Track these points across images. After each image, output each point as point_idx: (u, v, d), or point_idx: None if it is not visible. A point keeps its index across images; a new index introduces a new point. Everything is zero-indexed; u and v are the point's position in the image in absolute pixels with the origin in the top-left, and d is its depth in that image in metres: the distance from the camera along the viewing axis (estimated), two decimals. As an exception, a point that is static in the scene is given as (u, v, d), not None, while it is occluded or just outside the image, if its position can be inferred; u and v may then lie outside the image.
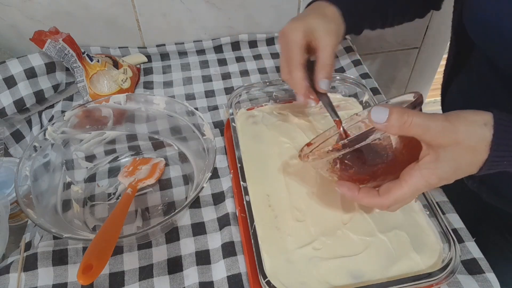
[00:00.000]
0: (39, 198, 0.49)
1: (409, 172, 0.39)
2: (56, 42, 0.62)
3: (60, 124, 0.55)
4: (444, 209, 0.53)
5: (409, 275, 0.44)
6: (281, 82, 0.64)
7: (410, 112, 0.36)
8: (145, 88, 0.74)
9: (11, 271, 0.48)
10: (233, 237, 0.51)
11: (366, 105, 0.63)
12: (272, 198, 0.53)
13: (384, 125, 0.37)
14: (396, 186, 0.39)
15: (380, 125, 0.37)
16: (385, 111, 0.36)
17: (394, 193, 0.39)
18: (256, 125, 0.62)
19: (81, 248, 0.50)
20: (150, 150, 0.63)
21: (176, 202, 0.57)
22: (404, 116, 0.36)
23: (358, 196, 0.42)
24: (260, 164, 0.57)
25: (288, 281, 0.45)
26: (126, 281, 0.48)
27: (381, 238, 0.49)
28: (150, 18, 0.77)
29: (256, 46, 0.83)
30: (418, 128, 0.36)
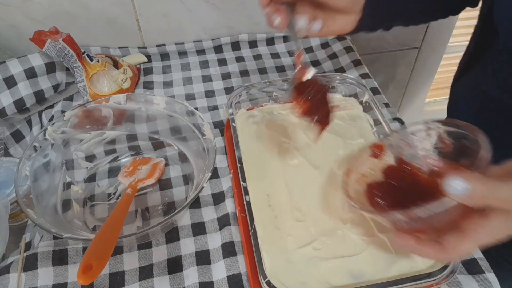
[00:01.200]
0: (39, 198, 0.49)
1: (476, 228, 0.36)
2: (56, 42, 0.62)
3: (60, 124, 0.55)
4: (444, 209, 0.53)
5: (409, 275, 0.44)
6: (281, 82, 0.64)
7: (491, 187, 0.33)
8: (145, 88, 0.74)
9: (11, 271, 0.48)
10: (233, 237, 0.51)
11: (366, 105, 0.63)
12: (272, 198, 0.53)
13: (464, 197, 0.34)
14: (462, 241, 0.36)
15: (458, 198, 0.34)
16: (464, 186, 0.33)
17: (461, 249, 0.36)
18: (256, 125, 0.62)
19: (81, 248, 0.50)
20: (150, 150, 0.63)
21: (176, 202, 0.57)
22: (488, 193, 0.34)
23: (422, 248, 0.39)
24: (260, 164, 0.57)
25: (288, 281, 0.45)
26: (126, 281, 0.48)
27: (381, 238, 0.49)
28: (150, 18, 0.77)
29: (256, 46, 0.83)
30: (501, 202, 0.34)
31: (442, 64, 1.21)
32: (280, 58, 0.80)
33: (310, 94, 0.45)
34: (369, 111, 0.63)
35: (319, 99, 0.45)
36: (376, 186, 0.46)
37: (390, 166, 0.48)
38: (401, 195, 0.44)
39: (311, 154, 0.58)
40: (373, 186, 0.46)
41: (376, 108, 0.61)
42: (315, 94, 0.45)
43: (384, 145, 0.48)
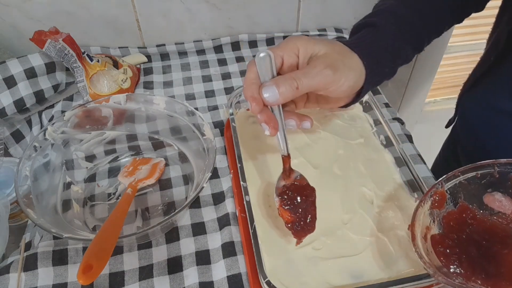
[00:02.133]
0: (39, 198, 0.49)
1: None
2: (56, 42, 0.62)
3: (60, 124, 0.55)
4: (444, 209, 0.53)
5: (409, 275, 0.44)
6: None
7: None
8: (145, 88, 0.74)
9: (11, 271, 0.48)
10: (233, 237, 0.51)
11: (366, 105, 0.63)
12: (272, 198, 0.53)
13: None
14: None
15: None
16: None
17: None
18: (256, 125, 0.62)
19: (81, 248, 0.50)
20: (150, 150, 0.63)
21: (176, 202, 0.57)
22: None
23: None
24: (260, 164, 0.57)
25: (288, 281, 0.45)
26: (126, 281, 0.48)
27: (381, 238, 0.49)
28: (150, 18, 0.77)
29: (256, 46, 0.83)
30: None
31: (442, 64, 1.21)
32: (280, 58, 0.80)
33: (298, 203, 0.46)
34: (369, 111, 0.63)
35: (306, 206, 0.46)
36: (442, 240, 0.41)
37: (452, 214, 0.43)
38: (474, 250, 0.40)
39: (311, 154, 0.58)
40: (438, 241, 0.41)
41: (376, 108, 0.61)
42: (302, 202, 0.46)
43: (445, 193, 0.43)
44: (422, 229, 0.41)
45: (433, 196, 0.43)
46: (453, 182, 0.44)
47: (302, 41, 0.44)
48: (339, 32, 0.83)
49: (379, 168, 0.56)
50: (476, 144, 0.60)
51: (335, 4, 0.81)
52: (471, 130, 0.61)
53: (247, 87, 0.43)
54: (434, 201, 0.43)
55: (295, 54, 0.44)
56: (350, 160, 0.57)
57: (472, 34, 1.25)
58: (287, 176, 0.48)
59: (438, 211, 0.43)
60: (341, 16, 0.84)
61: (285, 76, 0.42)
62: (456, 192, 0.44)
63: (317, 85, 0.42)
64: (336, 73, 0.42)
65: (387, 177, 0.55)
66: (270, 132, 0.43)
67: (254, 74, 0.43)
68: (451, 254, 0.40)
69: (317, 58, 0.43)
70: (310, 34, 0.82)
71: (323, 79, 0.42)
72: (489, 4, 0.56)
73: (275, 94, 0.41)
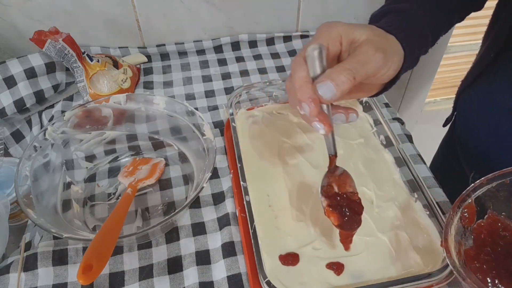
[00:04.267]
0: (39, 198, 0.49)
1: None
2: (56, 42, 0.62)
3: (60, 124, 0.55)
4: (444, 209, 0.53)
5: (409, 275, 0.44)
6: (281, 82, 0.64)
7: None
8: (145, 88, 0.74)
9: (11, 271, 0.48)
10: (233, 237, 0.51)
11: (366, 105, 0.63)
12: (272, 198, 0.53)
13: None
14: None
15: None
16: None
17: None
18: (256, 125, 0.62)
19: (81, 248, 0.50)
20: (150, 150, 0.63)
21: (176, 202, 0.57)
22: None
23: None
24: (260, 164, 0.57)
25: (288, 281, 0.45)
26: (126, 281, 0.48)
27: (381, 238, 0.49)
28: (150, 18, 0.77)
29: (256, 46, 0.83)
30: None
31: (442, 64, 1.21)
32: (280, 58, 0.80)
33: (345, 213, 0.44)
34: (369, 111, 0.63)
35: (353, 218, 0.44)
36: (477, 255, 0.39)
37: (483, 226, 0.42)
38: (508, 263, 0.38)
39: (311, 154, 0.58)
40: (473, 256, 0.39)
41: (376, 108, 0.61)
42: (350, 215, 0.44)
43: (475, 207, 0.42)
44: (455, 244, 0.39)
45: (462, 210, 0.41)
46: (481, 191, 0.42)
47: (342, 28, 0.41)
48: (339, 32, 0.83)
49: (379, 168, 0.56)
50: (475, 142, 0.60)
51: (335, 4, 0.81)
52: (470, 128, 0.61)
53: (301, 88, 0.39)
54: (463, 217, 0.41)
55: (339, 42, 0.41)
56: (350, 160, 0.57)
57: (472, 34, 1.25)
58: (331, 174, 0.47)
59: None
60: (341, 16, 0.84)
61: (338, 68, 0.38)
62: (483, 202, 0.42)
63: (371, 72, 0.40)
64: (386, 56, 0.40)
65: (387, 177, 0.55)
66: (326, 130, 0.41)
67: (305, 72, 0.40)
68: (489, 271, 0.38)
69: (364, 43, 0.40)
70: (310, 34, 0.82)
71: (376, 64, 0.39)
72: (487, 4, 0.56)
73: (332, 90, 0.38)
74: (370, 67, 0.39)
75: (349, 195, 0.45)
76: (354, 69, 0.38)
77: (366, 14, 0.84)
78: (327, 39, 0.41)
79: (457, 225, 0.41)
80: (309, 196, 0.53)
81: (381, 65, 0.40)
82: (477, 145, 0.60)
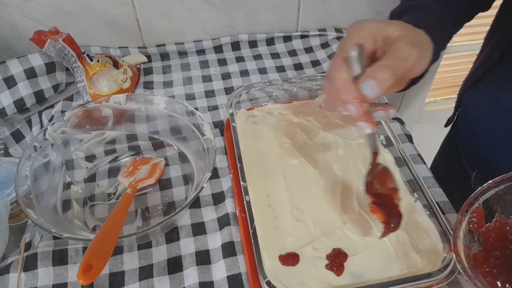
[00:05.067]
0: (39, 198, 0.49)
1: None
2: (56, 42, 0.62)
3: (60, 124, 0.55)
4: (444, 209, 0.53)
5: (409, 275, 0.44)
6: (281, 82, 0.64)
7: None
8: (145, 88, 0.74)
9: (11, 271, 0.48)
10: (233, 237, 0.51)
11: (366, 105, 0.63)
12: (272, 198, 0.53)
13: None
14: None
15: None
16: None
17: None
18: (256, 125, 0.62)
19: (81, 248, 0.50)
20: (150, 150, 0.63)
21: (176, 202, 0.57)
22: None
23: None
24: (260, 164, 0.57)
25: (288, 281, 0.45)
26: (126, 281, 0.48)
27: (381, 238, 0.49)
28: (150, 18, 0.77)
29: (256, 46, 0.83)
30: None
31: (442, 64, 1.21)
32: (280, 58, 0.80)
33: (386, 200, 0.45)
34: (369, 111, 0.63)
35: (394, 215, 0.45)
36: (486, 260, 0.39)
37: (491, 230, 0.41)
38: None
39: (311, 154, 0.58)
40: (482, 261, 0.39)
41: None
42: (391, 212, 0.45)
43: (482, 211, 0.41)
44: (464, 248, 0.39)
45: (471, 215, 0.41)
46: (489, 194, 0.42)
47: (374, 25, 0.42)
48: (339, 32, 0.83)
49: (379, 168, 0.56)
50: (478, 141, 0.60)
51: (335, 4, 0.81)
52: (473, 127, 0.61)
53: (345, 89, 0.40)
54: (471, 221, 0.41)
55: (373, 40, 0.42)
56: (350, 160, 0.57)
57: (472, 34, 1.25)
58: (373, 171, 0.47)
59: None
60: (341, 16, 0.84)
61: (379, 66, 0.39)
62: (491, 205, 0.42)
63: (408, 67, 0.40)
64: (420, 51, 0.40)
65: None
66: (372, 129, 0.41)
67: (347, 73, 0.40)
68: (499, 275, 0.38)
69: (398, 40, 0.40)
70: (310, 34, 0.82)
71: (413, 60, 0.40)
72: (488, 4, 0.56)
73: (375, 88, 0.38)
74: (408, 63, 0.39)
75: (390, 191, 0.46)
76: (394, 66, 0.39)
77: (366, 14, 0.84)
78: (362, 38, 0.41)
79: (465, 229, 0.41)
80: (309, 196, 0.53)
81: (417, 60, 0.40)
82: (480, 144, 0.60)
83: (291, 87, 0.64)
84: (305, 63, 0.79)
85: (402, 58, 0.39)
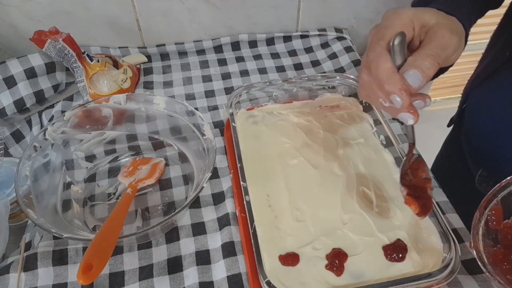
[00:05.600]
0: (39, 198, 0.49)
1: None
2: (56, 42, 0.62)
3: (60, 124, 0.55)
4: (444, 209, 0.53)
5: (409, 275, 0.44)
6: (281, 82, 0.64)
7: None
8: (145, 88, 0.74)
9: (11, 271, 0.48)
10: (233, 237, 0.51)
11: (366, 105, 0.63)
12: (272, 198, 0.53)
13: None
14: None
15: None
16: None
17: None
18: (256, 125, 0.62)
19: (81, 248, 0.50)
20: (150, 150, 0.63)
21: (176, 202, 0.57)
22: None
23: None
24: (260, 164, 0.57)
25: (288, 281, 0.45)
26: (126, 281, 0.48)
27: (381, 238, 0.49)
28: (150, 18, 0.77)
29: (256, 46, 0.83)
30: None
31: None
32: (280, 58, 0.80)
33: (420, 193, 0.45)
34: (369, 111, 0.63)
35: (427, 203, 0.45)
36: (505, 257, 0.39)
37: (509, 227, 0.41)
38: None
39: (311, 154, 0.58)
40: (502, 258, 0.39)
41: (376, 108, 0.61)
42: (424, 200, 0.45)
43: (501, 209, 0.41)
44: (484, 246, 0.39)
45: (489, 212, 0.41)
46: (506, 191, 0.42)
47: (411, 13, 0.41)
48: (339, 32, 0.83)
49: (379, 168, 0.56)
50: (485, 139, 0.60)
51: (335, 4, 0.81)
52: (481, 126, 0.60)
53: (390, 79, 0.39)
54: (490, 220, 0.41)
55: (412, 27, 0.41)
56: (350, 160, 0.57)
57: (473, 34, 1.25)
58: (408, 161, 0.47)
59: None
60: (341, 16, 0.84)
61: (421, 55, 0.38)
62: (509, 202, 0.41)
63: (449, 55, 0.39)
64: (460, 39, 0.40)
65: (387, 177, 0.55)
66: (415, 120, 0.41)
67: (390, 63, 0.39)
68: None
69: (437, 28, 0.40)
70: (310, 34, 0.82)
71: (453, 47, 0.39)
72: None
73: (419, 78, 0.38)
74: (449, 51, 0.39)
75: (423, 182, 0.46)
76: (437, 55, 0.38)
77: (366, 14, 0.84)
78: (403, 25, 0.40)
79: (484, 227, 0.41)
80: (309, 196, 0.53)
81: (457, 48, 0.40)
82: (487, 142, 0.59)
83: (291, 87, 0.65)
84: (305, 63, 0.79)
85: (444, 46, 0.39)
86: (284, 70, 0.78)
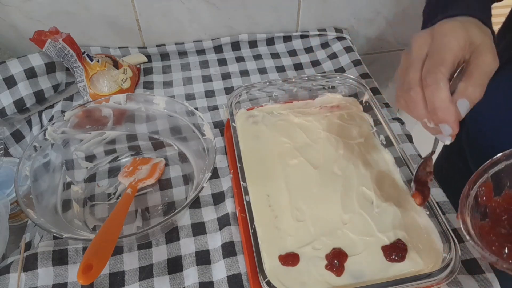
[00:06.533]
0: (39, 198, 0.49)
1: None
2: (56, 42, 0.62)
3: (60, 124, 0.55)
4: (444, 209, 0.53)
5: (409, 275, 0.44)
6: (281, 82, 0.64)
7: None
8: (145, 88, 0.74)
9: (11, 271, 0.48)
10: (233, 237, 0.51)
11: (366, 105, 0.63)
12: (272, 198, 0.53)
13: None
14: None
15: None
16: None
17: None
18: (256, 125, 0.62)
19: (81, 248, 0.50)
20: (150, 150, 0.63)
21: (176, 202, 0.57)
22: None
23: None
24: (260, 164, 0.57)
25: (288, 281, 0.45)
26: (126, 281, 0.48)
27: (381, 238, 0.49)
28: (150, 18, 0.77)
29: (256, 46, 0.83)
30: None
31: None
32: (280, 58, 0.80)
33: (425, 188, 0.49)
34: (369, 111, 0.63)
35: None
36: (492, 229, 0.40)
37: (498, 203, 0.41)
38: None
39: (311, 154, 0.58)
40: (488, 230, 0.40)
41: (376, 108, 0.61)
42: None
43: (491, 185, 0.41)
44: (471, 218, 0.40)
45: (479, 188, 0.41)
46: (498, 167, 0.41)
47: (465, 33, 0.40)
48: (339, 32, 0.83)
49: (379, 168, 0.56)
50: (488, 138, 0.60)
51: (335, 4, 0.81)
52: (484, 123, 0.60)
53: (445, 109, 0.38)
54: (480, 195, 0.41)
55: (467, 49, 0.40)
56: (350, 160, 0.57)
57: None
58: (425, 162, 0.48)
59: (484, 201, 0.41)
60: (341, 16, 0.84)
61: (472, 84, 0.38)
62: (499, 179, 0.41)
63: None
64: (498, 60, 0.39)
65: (387, 177, 0.55)
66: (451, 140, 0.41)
67: (448, 93, 0.38)
68: (504, 244, 0.38)
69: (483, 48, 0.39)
70: (310, 34, 0.82)
71: (494, 70, 0.39)
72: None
73: (468, 107, 0.38)
74: (491, 74, 0.39)
75: (427, 175, 0.49)
76: (485, 84, 0.38)
77: (366, 14, 0.84)
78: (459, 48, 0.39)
79: (473, 201, 0.41)
80: (309, 196, 0.53)
81: (494, 70, 0.40)
82: (488, 141, 0.59)
83: (291, 87, 0.65)
84: (305, 63, 0.79)
85: (490, 72, 0.39)
86: (284, 70, 0.78)
